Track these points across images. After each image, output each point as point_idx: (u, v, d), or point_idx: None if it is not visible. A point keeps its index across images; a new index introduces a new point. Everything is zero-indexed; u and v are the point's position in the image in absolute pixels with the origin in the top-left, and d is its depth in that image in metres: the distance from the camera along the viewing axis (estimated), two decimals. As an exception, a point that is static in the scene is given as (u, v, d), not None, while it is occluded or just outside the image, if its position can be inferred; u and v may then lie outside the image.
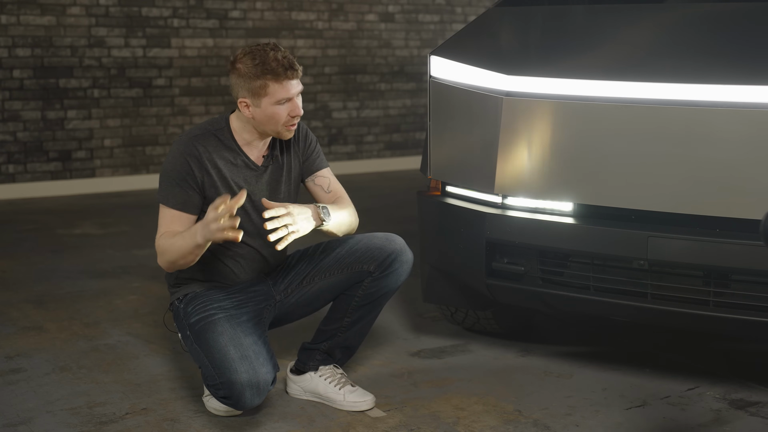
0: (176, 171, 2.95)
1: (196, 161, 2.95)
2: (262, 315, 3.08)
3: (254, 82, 2.89)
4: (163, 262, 2.94)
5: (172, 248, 2.89)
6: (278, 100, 2.91)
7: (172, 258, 2.90)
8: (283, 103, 2.93)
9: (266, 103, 2.91)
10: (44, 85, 7.58)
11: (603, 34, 3.45)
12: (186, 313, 3.03)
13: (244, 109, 2.95)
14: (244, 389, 2.82)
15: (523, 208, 3.26)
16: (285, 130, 2.98)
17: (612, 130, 3.06)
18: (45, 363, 3.59)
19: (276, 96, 2.90)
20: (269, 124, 2.96)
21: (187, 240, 2.84)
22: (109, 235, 6.02)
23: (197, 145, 2.97)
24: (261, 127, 2.98)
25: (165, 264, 2.94)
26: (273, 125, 2.96)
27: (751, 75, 2.90)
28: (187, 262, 2.90)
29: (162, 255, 2.93)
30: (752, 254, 2.85)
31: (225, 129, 3.03)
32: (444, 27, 9.55)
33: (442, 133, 3.51)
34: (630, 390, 3.30)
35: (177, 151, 2.97)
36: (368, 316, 3.19)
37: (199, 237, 2.80)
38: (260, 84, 2.89)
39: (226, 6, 8.25)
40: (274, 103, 2.91)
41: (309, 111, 8.73)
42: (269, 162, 3.08)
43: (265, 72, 2.88)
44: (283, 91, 2.91)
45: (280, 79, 2.89)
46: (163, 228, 2.96)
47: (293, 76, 2.92)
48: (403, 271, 3.15)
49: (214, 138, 3.00)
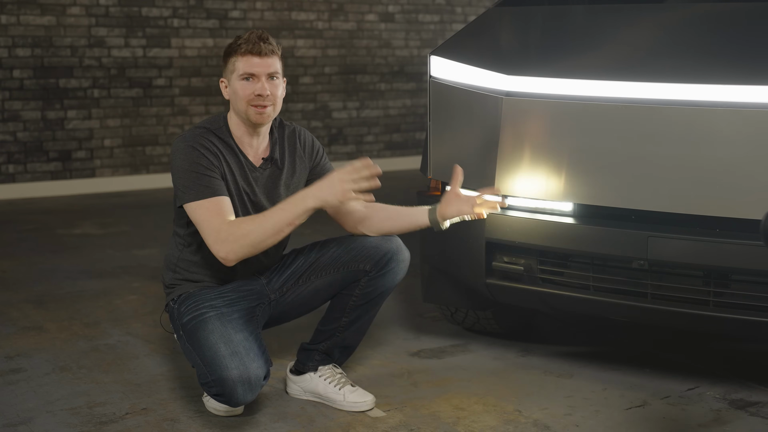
0: (193, 163, 2.92)
1: (207, 151, 2.95)
2: (254, 313, 3.07)
3: (227, 59, 3.01)
4: (241, 247, 2.83)
5: (260, 228, 2.82)
6: (241, 74, 2.96)
7: (260, 238, 2.82)
8: (247, 79, 2.96)
9: (234, 78, 2.98)
10: (44, 85, 7.58)
11: (603, 34, 3.45)
12: (179, 313, 3.03)
13: (224, 91, 3.05)
14: (236, 385, 2.82)
15: (523, 208, 3.26)
16: (253, 111, 2.97)
17: (612, 130, 3.06)
18: (45, 363, 3.59)
19: (240, 70, 2.96)
20: (237, 102, 2.98)
21: (288, 210, 2.82)
22: (109, 235, 6.02)
23: (202, 140, 2.97)
24: (234, 108, 3.01)
25: (245, 249, 2.83)
26: (240, 104, 2.97)
27: (751, 75, 2.90)
28: (278, 238, 2.85)
29: (243, 239, 2.82)
30: (752, 254, 2.85)
31: (224, 128, 3.03)
32: (444, 27, 9.56)
33: (442, 133, 3.51)
34: (630, 390, 3.30)
35: (185, 147, 2.95)
36: (366, 315, 3.19)
37: (311, 199, 2.81)
38: (232, 60, 2.99)
39: (226, 6, 8.25)
40: (238, 78, 2.97)
41: (309, 111, 8.73)
42: (268, 165, 3.08)
43: (234, 49, 2.99)
44: (245, 65, 2.95)
45: (244, 54, 2.96)
46: (216, 220, 2.85)
47: (259, 52, 2.95)
48: (400, 270, 3.15)
49: (214, 136, 3.00)
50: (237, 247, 2.84)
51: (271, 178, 3.08)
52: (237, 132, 3.04)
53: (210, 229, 2.86)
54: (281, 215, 2.84)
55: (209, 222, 2.87)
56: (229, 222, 2.86)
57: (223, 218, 2.86)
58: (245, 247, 2.84)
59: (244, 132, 3.03)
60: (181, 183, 2.93)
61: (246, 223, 2.86)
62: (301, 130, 3.20)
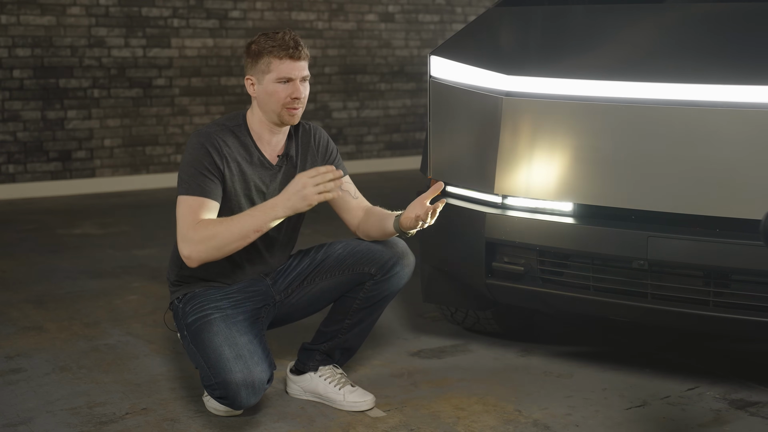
0: (198, 161, 2.93)
1: (217, 152, 2.95)
2: (259, 315, 3.08)
3: (260, 59, 2.97)
4: (204, 250, 2.83)
5: (227, 231, 2.81)
6: (279, 78, 2.95)
7: (224, 241, 2.82)
8: (284, 82, 2.96)
9: (268, 80, 2.97)
10: (44, 85, 7.58)
11: (603, 34, 3.45)
12: (184, 313, 3.03)
13: (249, 88, 3.01)
14: (240, 389, 2.82)
15: (523, 208, 3.26)
16: (286, 113, 2.99)
17: (612, 130, 3.06)
18: (45, 363, 3.59)
19: (278, 73, 2.95)
20: (269, 103, 2.97)
21: (257, 217, 2.81)
22: (109, 235, 6.02)
23: (216, 138, 2.97)
24: (263, 108, 3.00)
25: (208, 251, 2.83)
26: (273, 105, 2.97)
27: (751, 75, 2.90)
28: (243, 244, 2.84)
29: (207, 241, 2.81)
30: (752, 254, 2.85)
31: (242, 125, 3.04)
32: (444, 27, 9.55)
33: (442, 133, 3.51)
34: (630, 390, 3.30)
35: (197, 143, 2.96)
36: (369, 319, 3.19)
37: (281, 209, 2.80)
38: (265, 61, 2.96)
39: (226, 6, 8.25)
40: (275, 81, 2.96)
41: (309, 111, 8.73)
42: (284, 162, 3.09)
43: (271, 49, 2.96)
44: (285, 68, 2.96)
45: (283, 56, 2.95)
46: (190, 217, 2.86)
47: (297, 57, 2.97)
48: (405, 275, 3.15)
49: (231, 134, 3.00)
50: (202, 248, 2.83)
51: (285, 175, 3.08)
52: (258, 130, 3.04)
53: (181, 225, 2.87)
54: (249, 221, 2.83)
55: (183, 218, 2.87)
56: (198, 221, 2.86)
57: (196, 217, 2.86)
58: (210, 249, 2.83)
59: (267, 130, 3.04)
60: (181, 174, 2.96)
61: (214, 225, 2.85)
62: (317, 128, 3.21)
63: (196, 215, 2.87)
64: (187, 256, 2.85)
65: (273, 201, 2.85)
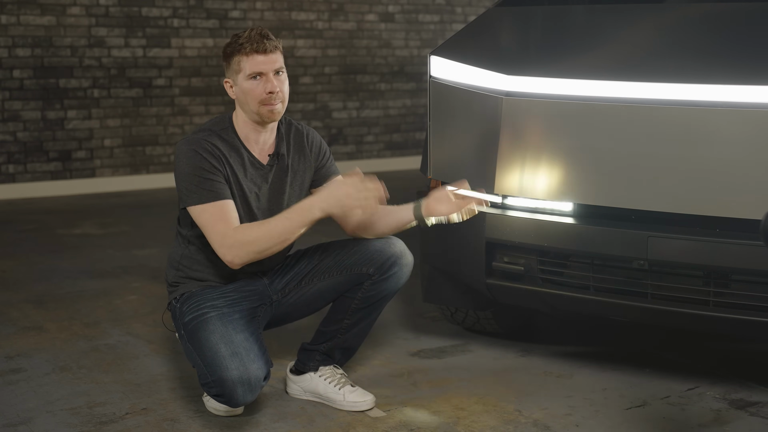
0: (197, 167, 2.92)
1: (211, 155, 2.94)
2: (255, 313, 3.07)
3: (232, 59, 2.98)
4: (246, 253, 2.85)
5: (269, 235, 2.84)
6: (249, 74, 2.95)
7: (266, 245, 2.85)
8: (255, 78, 2.95)
9: (241, 79, 2.97)
10: (44, 85, 7.58)
11: (603, 34, 3.45)
12: (181, 312, 3.03)
13: (229, 91, 3.02)
14: (236, 386, 2.83)
15: (523, 208, 3.25)
16: (265, 110, 2.97)
17: (612, 130, 3.06)
18: (45, 363, 3.59)
19: (248, 70, 2.95)
20: (246, 102, 2.97)
21: (294, 219, 2.84)
22: (109, 235, 6.02)
23: (206, 142, 2.96)
24: (243, 108, 3.00)
25: (250, 255, 2.86)
26: (251, 103, 2.96)
27: (751, 75, 2.90)
28: (284, 246, 2.88)
29: (249, 245, 2.84)
30: (752, 254, 2.85)
31: (229, 128, 3.03)
32: (444, 27, 9.55)
33: (442, 133, 3.51)
34: (630, 390, 3.30)
35: (188, 150, 2.94)
36: (368, 318, 3.19)
37: (317, 210, 2.83)
38: (236, 60, 2.97)
39: (226, 6, 8.25)
40: (247, 78, 2.95)
41: (309, 111, 8.73)
42: (274, 161, 3.08)
43: (237, 48, 2.96)
44: (252, 64, 2.94)
45: (250, 52, 2.94)
46: (221, 223, 2.88)
47: (263, 50, 2.94)
48: (403, 275, 3.15)
49: (219, 138, 2.99)
50: (243, 253, 2.86)
51: (277, 174, 3.08)
52: (244, 130, 3.03)
53: (215, 233, 2.88)
54: (287, 224, 2.85)
55: (214, 226, 2.88)
56: (235, 228, 2.88)
57: (228, 223, 2.88)
58: (251, 253, 2.87)
59: (252, 129, 3.03)
60: (184, 186, 2.93)
61: (252, 230, 2.87)
62: (309, 129, 3.20)
63: (225, 221, 2.88)
64: (230, 261, 2.88)
65: (309, 202, 2.87)
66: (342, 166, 8.62)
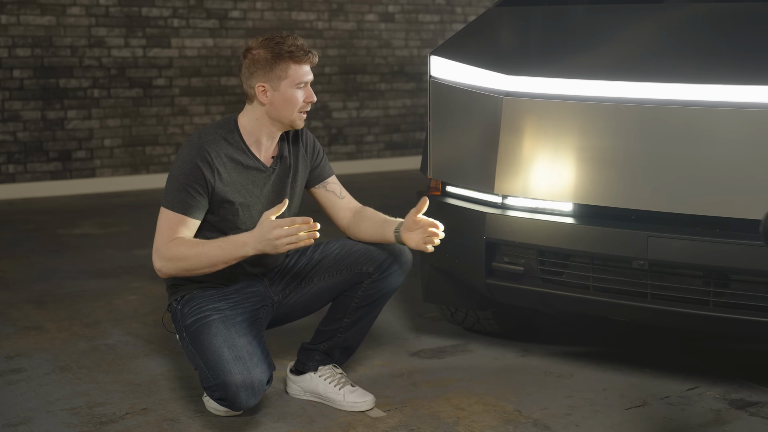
0: (185, 176, 2.94)
1: (208, 166, 2.94)
2: (258, 315, 3.08)
3: (275, 65, 2.94)
4: (174, 268, 2.90)
5: (198, 257, 2.87)
6: (298, 83, 2.96)
7: (194, 266, 2.88)
8: (301, 87, 2.97)
9: (285, 85, 2.95)
10: (44, 85, 7.58)
11: (603, 34, 3.45)
12: (182, 315, 3.03)
13: (261, 96, 2.97)
14: (239, 390, 2.82)
15: (523, 208, 3.26)
16: (298, 118, 3.01)
17: (612, 130, 3.06)
18: (45, 363, 3.59)
19: (296, 78, 2.95)
20: (286, 109, 2.97)
21: (226, 251, 2.85)
22: (109, 235, 6.02)
23: (209, 149, 2.96)
24: (276, 114, 2.99)
25: (177, 270, 2.91)
26: (289, 111, 2.98)
27: (751, 75, 2.90)
28: (211, 270, 2.91)
29: (177, 261, 2.88)
30: (752, 254, 2.85)
31: (234, 131, 3.02)
32: (444, 27, 9.55)
33: (442, 133, 3.51)
34: (630, 390, 3.30)
35: (188, 155, 2.96)
36: (367, 317, 3.19)
37: (251, 249, 2.83)
38: (282, 67, 2.94)
39: (226, 6, 8.25)
40: (293, 86, 2.96)
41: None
42: (277, 164, 3.08)
43: (286, 54, 2.94)
44: (302, 73, 2.97)
45: (300, 61, 2.95)
46: (166, 233, 2.92)
47: (309, 61, 2.98)
48: (402, 273, 3.15)
49: (224, 142, 2.99)
50: (170, 265, 2.91)
51: (279, 176, 3.08)
52: (254, 134, 3.03)
53: (159, 239, 2.93)
54: (219, 253, 2.87)
55: (163, 233, 2.93)
56: (174, 240, 2.90)
57: (173, 234, 2.91)
58: (178, 269, 2.91)
59: (267, 134, 3.04)
60: (168, 184, 3.00)
61: (186, 247, 2.89)
62: (304, 129, 3.21)
63: (173, 231, 2.92)
64: (158, 269, 2.94)
65: (244, 238, 2.86)
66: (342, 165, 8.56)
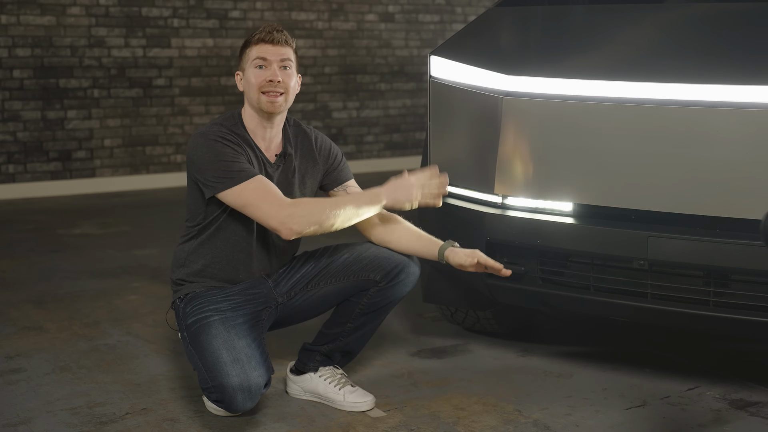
0: (220, 152, 2.92)
1: (229, 142, 2.96)
2: (260, 317, 3.07)
3: (244, 50, 3.04)
4: (309, 223, 2.86)
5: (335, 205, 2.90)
6: (254, 60, 2.99)
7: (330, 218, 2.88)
8: (259, 66, 2.98)
9: (247, 67, 3.01)
10: (44, 85, 7.58)
11: (603, 34, 3.45)
12: (185, 313, 3.03)
13: (238, 84, 3.07)
14: (236, 393, 2.82)
15: (523, 208, 3.26)
16: (264, 99, 2.98)
17: (612, 130, 3.06)
18: (45, 363, 3.59)
19: (252, 57, 3.00)
20: (249, 91, 3.00)
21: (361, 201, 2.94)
22: (109, 235, 6.02)
23: (221, 133, 2.97)
24: (248, 100, 3.03)
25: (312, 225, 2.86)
26: (252, 92, 2.99)
27: (751, 75, 2.90)
28: (340, 226, 2.92)
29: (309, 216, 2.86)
30: (752, 254, 2.85)
31: (239, 124, 3.04)
32: (444, 27, 9.55)
33: (442, 133, 3.51)
34: (630, 390, 3.30)
35: (204, 141, 2.95)
36: (371, 324, 3.19)
37: (384, 197, 2.94)
38: (247, 51, 3.03)
39: (226, 6, 8.25)
40: (251, 65, 3.00)
41: (309, 111, 8.73)
42: (281, 161, 3.09)
43: (248, 40, 3.03)
44: (259, 50, 2.99)
45: (257, 42, 3.00)
46: (269, 197, 2.88)
47: (272, 41, 2.98)
48: (409, 282, 3.15)
49: (231, 133, 3.00)
50: (304, 221, 2.87)
51: (283, 174, 3.09)
52: (251, 125, 3.05)
53: (267, 204, 2.88)
54: (355, 202, 2.94)
55: (264, 199, 2.88)
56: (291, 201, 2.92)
57: (276, 194, 2.90)
58: (312, 223, 2.88)
59: (258, 124, 3.04)
60: (210, 174, 2.93)
61: (317, 200, 2.94)
62: (318, 134, 3.22)
63: (272, 193, 2.90)
64: (289, 229, 2.87)
65: (377, 190, 2.97)
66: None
